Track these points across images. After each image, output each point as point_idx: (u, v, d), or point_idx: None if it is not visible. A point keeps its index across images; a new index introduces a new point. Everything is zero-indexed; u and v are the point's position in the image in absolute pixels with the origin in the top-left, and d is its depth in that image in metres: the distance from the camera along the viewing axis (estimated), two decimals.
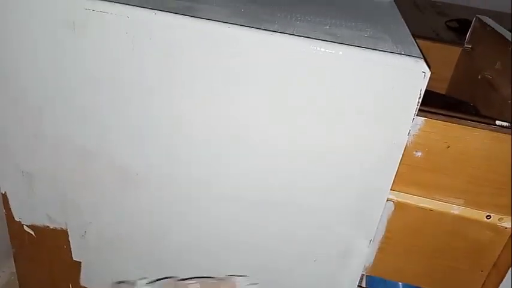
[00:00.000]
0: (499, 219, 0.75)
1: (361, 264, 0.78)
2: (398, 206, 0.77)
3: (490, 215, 0.75)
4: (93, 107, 0.75)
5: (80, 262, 0.85)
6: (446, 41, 1.18)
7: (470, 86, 1.01)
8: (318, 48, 0.68)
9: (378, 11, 0.90)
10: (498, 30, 0.95)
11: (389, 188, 0.75)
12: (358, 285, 0.80)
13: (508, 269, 0.75)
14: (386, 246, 0.80)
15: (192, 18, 0.69)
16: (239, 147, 0.75)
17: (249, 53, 0.67)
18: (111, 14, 0.70)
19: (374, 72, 0.70)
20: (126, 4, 0.69)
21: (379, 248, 0.80)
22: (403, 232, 0.79)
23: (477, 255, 0.78)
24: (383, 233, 0.79)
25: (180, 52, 0.69)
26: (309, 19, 0.79)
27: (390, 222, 0.78)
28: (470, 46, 1.14)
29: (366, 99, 0.71)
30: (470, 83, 1.00)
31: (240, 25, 0.69)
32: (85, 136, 0.77)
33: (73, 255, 0.84)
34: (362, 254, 0.78)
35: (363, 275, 0.82)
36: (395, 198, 0.77)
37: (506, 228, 0.75)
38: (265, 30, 0.69)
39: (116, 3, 0.69)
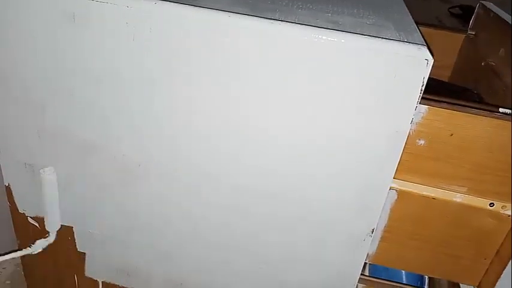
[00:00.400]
0: (502, 207, 0.75)
1: (364, 253, 0.78)
2: (401, 195, 0.77)
3: (493, 203, 0.75)
4: (94, 100, 0.74)
5: (84, 253, 0.85)
6: (449, 28, 1.16)
7: (473, 73, 1.00)
8: (320, 37, 0.68)
9: None
10: (502, 17, 0.93)
11: (392, 177, 0.74)
12: (362, 274, 0.80)
13: (510, 256, 0.75)
14: (389, 235, 0.80)
15: (192, 7, 0.68)
16: (241, 139, 0.75)
17: (251, 42, 0.67)
18: (111, 4, 0.69)
19: (377, 60, 0.70)
20: None
21: (382, 237, 0.80)
22: (406, 221, 0.79)
23: (480, 243, 0.78)
24: (386, 222, 0.79)
25: (180, 42, 0.68)
26: (311, 7, 0.78)
27: (393, 210, 0.78)
28: (473, 33, 1.13)
29: (369, 88, 0.71)
30: (474, 70, 0.99)
31: (241, 14, 0.68)
32: (86, 129, 0.77)
33: (77, 247, 0.85)
34: (365, 243, 0.78)
35: (366, 263, 0.82)
36: (398, 187, 0.77)
37: (509, 216, 0.75)
38: (267, 18, 0.68)
39: None
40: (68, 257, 0.83)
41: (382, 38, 0.73)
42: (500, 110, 0.73)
